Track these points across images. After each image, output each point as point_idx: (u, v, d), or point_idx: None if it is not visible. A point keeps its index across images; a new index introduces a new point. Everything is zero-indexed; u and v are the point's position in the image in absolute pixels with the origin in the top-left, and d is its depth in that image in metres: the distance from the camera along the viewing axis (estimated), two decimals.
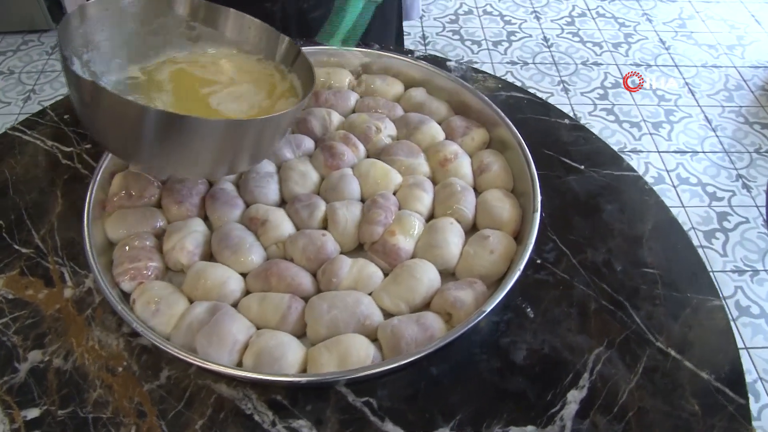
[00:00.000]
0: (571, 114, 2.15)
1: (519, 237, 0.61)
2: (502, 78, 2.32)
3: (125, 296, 0.58)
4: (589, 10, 2.66)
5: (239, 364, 0.53)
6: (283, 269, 0.58)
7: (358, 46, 0.79)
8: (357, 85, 0.77)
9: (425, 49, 2.43)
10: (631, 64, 2.37)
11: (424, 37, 2.51)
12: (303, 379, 0.51)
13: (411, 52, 0.83)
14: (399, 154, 0.67)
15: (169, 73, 0.64)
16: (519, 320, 0.58)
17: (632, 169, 0.72)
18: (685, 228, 1.80)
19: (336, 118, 0.72)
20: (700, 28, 2.56)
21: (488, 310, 0.52)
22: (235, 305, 0.57)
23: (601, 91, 2.26)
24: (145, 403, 0.53)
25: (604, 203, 0.68)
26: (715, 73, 2.33)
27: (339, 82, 0.76)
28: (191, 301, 0.57)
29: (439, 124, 0.72)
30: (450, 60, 0.85)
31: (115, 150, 0.59)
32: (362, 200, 0.65)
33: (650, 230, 0.66)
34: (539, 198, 0.61)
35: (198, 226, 0.63)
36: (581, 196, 0.69)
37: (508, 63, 2.39)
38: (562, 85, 2.29)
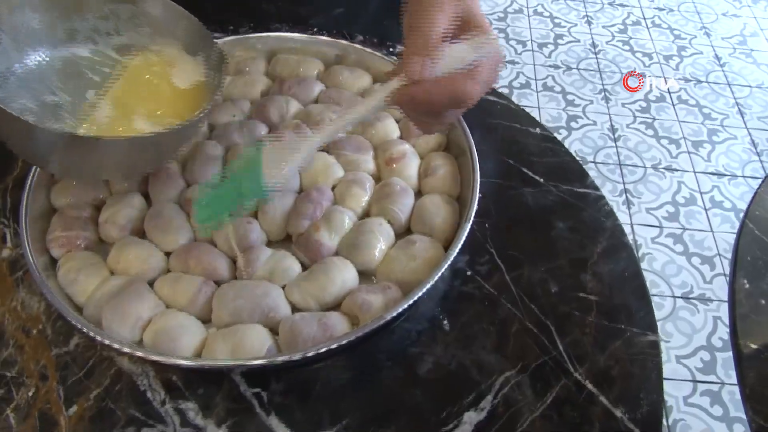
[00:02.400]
0: (608, 124, 2.08)
1: (449, 246, 0.59)
2: (542, 81, 2.26)
3: (55, 262, 0.59)
4: (644, 18, 2.55)
5: (140, 342, 0.53)
6: (202, 252, 0.58)
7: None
8: (326, 76, 0.76)
9: None
10: (679, 78, 2.27)
11: None
12: (185, 364, 0.51)
13: (393, 46, 0.81)
14: (347, 148, 0.66)
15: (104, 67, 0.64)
16: (432, 332, 0.56)
17: (596, 187, 0.68)
18: (710, 254, 1.73)
19: (294, 107, 0.71)
20: (762, 46, 2.42)
21: (389, 317, 0.51)
22: (151, 283, 0.57)
23: (644, 104, 2.17)
24: (49, 367, 0.54)
25: (556, 220, 0.65)
26: None
27: (308, 71, 0.75)
28: (112, 275, 0.58)
29: (398, 122, 0.70)
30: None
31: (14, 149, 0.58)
32: (301, 192, 0.64)
33: (599, 254, 0.62)
34: (475, 206, 0.58)
35: (135, 202, 0.63)
36: (533, 211, 0.66)
37: (551, 66, 2.33)
38: (603, 94, 2.21)
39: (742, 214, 0.64)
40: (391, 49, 0.81)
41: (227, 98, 0.74)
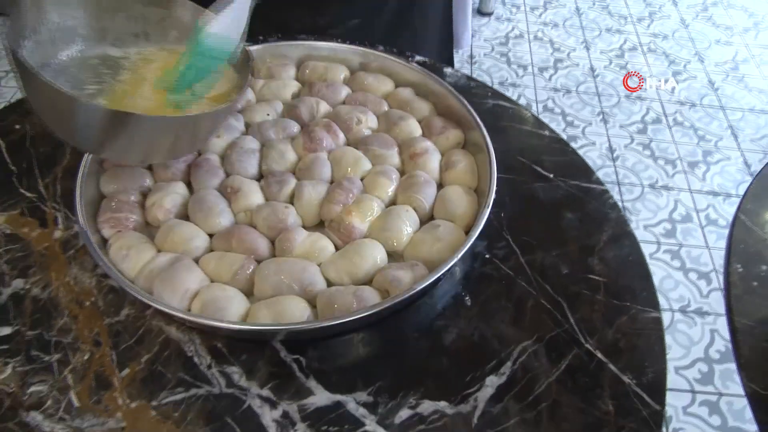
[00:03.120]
0: (606, 145, 2.15)
1: (470, 231, 0.64)
2: (542, 104, 2.33)
3: (105, 242, 0.64)
4: (640, 45, 2.64)
5: (189, 310, 0.58)
6: (244, 233, 0.63)
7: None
8: (351, 81, 0.82)
9: (471, 69, 2.48)
10: (675, 102, 2.35)
11: (471, 56, 2.56)
12: (235, 327, 0.55)
13: (411, 56, 0.88)
14: (374, 144, 0.72)
15: (120, 62, 0.68)
16: (456, 308, 0.62)
17: (600, 183, 0.74)
18: (706, 270, 1.78)
19: (324, 107, 0.77)
20: (753, 72, 2.51)
21: (419, 288, 0.56)
22: (197, 261, 0.62)
23: (641, 126, 2.24)
24: (102, 335, 0.59)
25: (565, 212, 0.71)
26: (762, 118, 2.28)
27: (334, 76, 0.81)
28: (159, 252, 0.63)
29: (420, 122, 0.76)
30: (447, 68, 0.89)
31: (59, 133, 0.62)
32: (332, 182, 0.70)
33: (605, 241, 0.68)
34: (492, 195, 0.64)
35: (179, 189, 0.68)
36: (544, 203, 0.72)
37: (551, 89, 2.40)
38: (601, 116, 2.28)
39: (735, 208, 0.69)
40: (409, 58, 0.87)
41: (261, 99, 0.80)
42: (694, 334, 1.65)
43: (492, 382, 0.56)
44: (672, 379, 1.58)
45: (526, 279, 0.64)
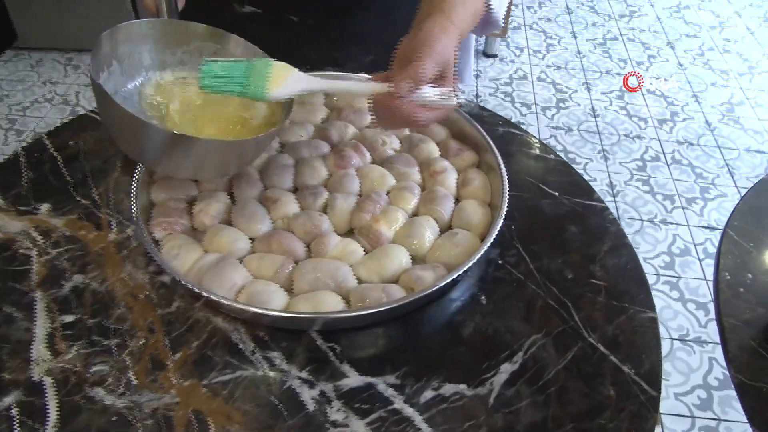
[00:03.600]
0: (607, 181, 2.24)
1: (484, 239, 0.72)
2: (545, 141, 2.44)
3: (156, 244, 0.72)
4: (639, 87, 2.76)
5: None
6: (283, 237, 0.71)
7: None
8: None
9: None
10: (673, 141, 2.45)
11: (477, 96, 2.67)
12: (279, 314, 0.63)
13: None
14: (397, 163, 0.80)
15: (179, 89, 0.77)
16: (473, 305, 0.69)
17: (601, 201, 0.82)
18: (704, 301, 1.85)
19: (351, 130, 0.86)
20: (748, 113, 2.62)
21: (440, 285, 0.63)
22: (240, 260, 0.70)
23: (640, 163, 2.34)
24: (156, 323, 0.66)
25: (569, 225, 0.78)
26: (758, 157, 2.38)
27: (360, 104, 0.90)
28: (206, 252, 0.70)
29: (438, 144, 0.84)
30: (462, 98, 0.98)
31: (124, 149, 0.72)
32: (359, 196, 0.78)
33: (605, 251, 0.75)
34: (505, 207, 0.72)
35: (223, 198, 0.76)
36: (550, 217, 0.79)
37: (553, 128, 2.50)
38: (602, 153, 2.38)
39: (707, 215, 0.77)
40: None
41: (294, 122, 0.88)
42: (693, 362, 1.71)
43: (506, 369, 0.63)
44: (672, 405, 1.63)
45: (535, 282, 0.71)
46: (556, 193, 0.82)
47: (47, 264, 0.72)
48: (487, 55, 2.91)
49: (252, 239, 0.73)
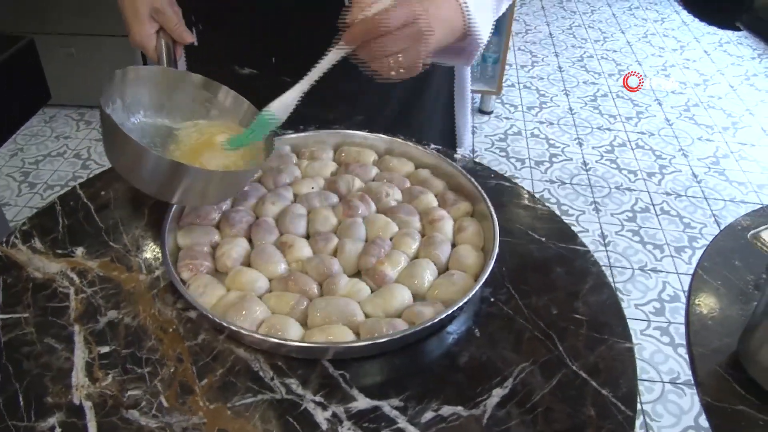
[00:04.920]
0: (598, 231, 2.34)
1: (478, 279, 0.80)
2: (539, 194, 2.54)
3: (184, 283, 0.80)
4: (629, 141, 2.89)
5: None
6: (298, 277, 0.79)
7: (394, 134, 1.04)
8: (379, 163, 1.01)
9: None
10: (662, 192, 2.55)
11: (473, 151, 2.79)
12: (297, 344, 0.71)
13: (427, 143, 1.07)
14: (399, 212, 0.89)
15: (177, 132, 0.89)
16: (468, 337, 0.77)
17: (584, 245, 0.90)
18: None
19: (358, 183, 0.95)
20: (733, 166, 2.73)
21: (438, 318, 0.71)
22: (259, 298, 0.78)
23: (630, 214, 2.43)
24: (183, 354, 0.74)
25: (555, 266, 0.87)
26: (743, 208, 2.48)
27: (366, 158, 1.00)
28: (229, 291, 0.79)
29: (436, 195, 0.94)
30: (458, 154, 1.08)
31: (123, 174, 0.82)
32: (366, 241, 0.86)
33: (587, 289, 0.84)
34: (497, 250, 0.80)
35: (242, 243, 0.85)
36: (538, 260, 0.88)
37: (546, 181, 2.62)
38: (594, 205, 2.48)
39: (695, 263, 0.86)
40: (425, 145, 1.06)
41: (306, 176, 0.98)
42: (684, 404, 1.76)
43: (498, 393, 0.70)
44: None
45: (524, 317, 0.79)
46: (543, 239, 0.91)
47: (84, 301, 0.81)
48: (482, 112, 3.05)
49: (270, 279, 0.81)
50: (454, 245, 0.87)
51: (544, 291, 0.83)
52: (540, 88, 3.33)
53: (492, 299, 0.82)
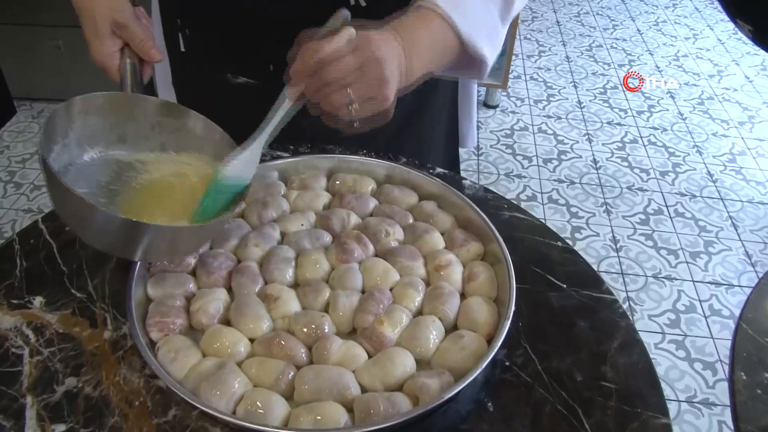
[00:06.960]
0: (610, 235, 2.23)
1: (491, 340, 0.70)
2: (547, 194, 2.43)
3: (152, 344, 0.70)
4: (641, 137, 2.77)
5: (234, 412, 0.63)
6: (284, 340, 0.69)
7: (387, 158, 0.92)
8: (378, 193, 0.90)
9: (477, 160, 2.59)
10: (675, 193, 2.44)
11: (478, 148, 2.67)
12: None
13: (432, 168, 0.96)
14: (402, 256, 0.79)
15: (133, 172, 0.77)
16: (479, 411, 0.66)
17: (610, 293, 0.80)
18: (711, 360, 1.81)
19: (354, 219, 0.85)
20: (750, 164, 2.61)
21: (446, 397, 0.61)
22: (239, 364, 0.68)
23: (643, 216, 2.32)
24: None
25: (578, 319, 0.76)
26: (761, 209, 2.36)
27: (363, 188, 0.89)
28: (204, 356, 0.68)
29: (443, 234, 0.83)
30: (465, 179, 0.97)
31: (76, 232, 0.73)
32: (363, 291, 0.76)
33: (615, 348, 0.73)
34: (512, 308, 0.70)
35: (221, 295, 0.75)
36: (558, 312, 0.78)
37: (555, 180, 2.50)
38: (605, 207, 2.37)
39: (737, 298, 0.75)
40: (430, 170, 0.95)
41: (295, 209, 0.87)
42: (701, 425, 1.67)
43: None
44: None
45: (543, 385, 0.69)
46: (564, 285, 0.81)
47: (39, 365, 0.70)
48: (487, 106, 2.92)
49: (251, 340, 0.71)
50: (463, 295, 0.76)
51: (567, 351, 0.73)
52: (547, 79, 3.20)
53: (507, 362, 0.71)
